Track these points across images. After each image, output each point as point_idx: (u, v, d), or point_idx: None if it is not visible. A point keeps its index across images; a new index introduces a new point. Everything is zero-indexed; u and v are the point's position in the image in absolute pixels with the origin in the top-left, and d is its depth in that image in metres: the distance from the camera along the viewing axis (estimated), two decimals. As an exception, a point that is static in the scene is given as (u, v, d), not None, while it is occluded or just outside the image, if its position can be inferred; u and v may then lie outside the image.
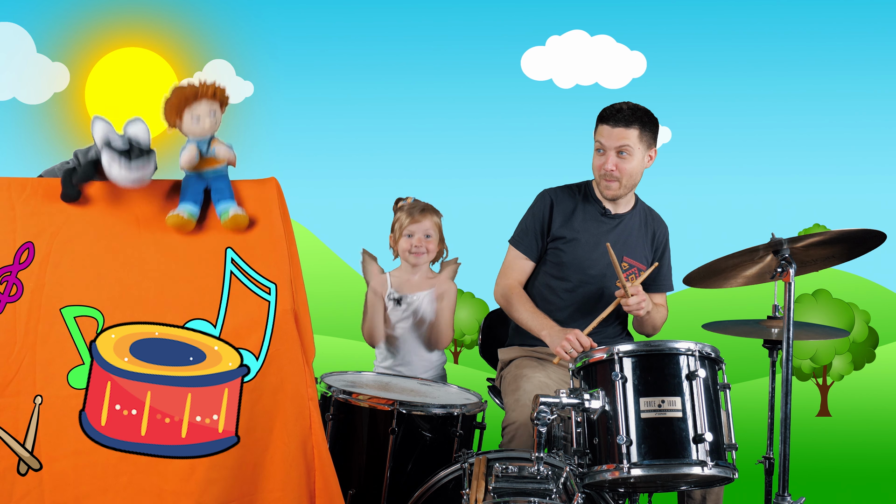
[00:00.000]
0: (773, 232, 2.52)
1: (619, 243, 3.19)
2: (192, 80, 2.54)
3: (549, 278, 3.24)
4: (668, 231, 3.37)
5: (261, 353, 2.36)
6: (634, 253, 3.24)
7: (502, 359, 3.32)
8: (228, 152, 2.54)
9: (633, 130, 3.11)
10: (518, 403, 2.91)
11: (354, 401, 2.76)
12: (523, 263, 3.28)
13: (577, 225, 3.23)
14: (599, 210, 3.25)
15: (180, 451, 2.25)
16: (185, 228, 2.49)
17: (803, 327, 3.14)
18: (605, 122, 3.14)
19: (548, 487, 2.29)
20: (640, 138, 3.13)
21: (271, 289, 2.44)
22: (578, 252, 3.20)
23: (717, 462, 2.26)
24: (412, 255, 3.31)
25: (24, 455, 2.24)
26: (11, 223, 2.46)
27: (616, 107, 3.15)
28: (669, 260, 3.36)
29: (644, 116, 3.14)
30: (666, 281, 3.35)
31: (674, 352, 2.34)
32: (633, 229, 3.26)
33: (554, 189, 3.32)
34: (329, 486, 2.33)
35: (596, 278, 3.18)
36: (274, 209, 2.59)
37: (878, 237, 2.51)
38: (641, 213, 3.31)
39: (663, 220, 3.37)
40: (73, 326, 2.36)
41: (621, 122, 3.11)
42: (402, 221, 3.34)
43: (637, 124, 3.12)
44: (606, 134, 3.13)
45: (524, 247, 3.27)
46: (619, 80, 8.66)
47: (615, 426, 2.27)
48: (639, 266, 3.23)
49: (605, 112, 3.17)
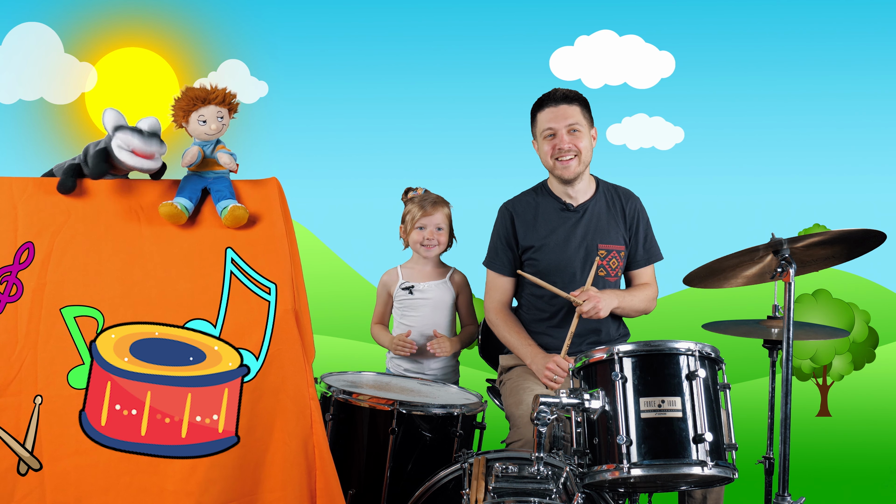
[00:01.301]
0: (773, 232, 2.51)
1: (589, 233, 3.19)
2: (205, 82, 2.57)
3: (532, 288, 3.22)
4: (640, 201, 3.32)
5: (261, 353, 2.36)
6: (608, 237, 3.21)
7: (503, 364, 3.33)
8: (230, 161, 2.57)
9: (575, 107, 3.14)
10: (522, 420, 2.92)
11: (354, 401, 2.76)
12: (503, 282, 3.28)
13: (541, 230, 3.21)
14: (560, 206, 3.23)
15: (180, 451, 2.25)
16: (177, 220, 2.50)
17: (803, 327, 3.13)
18: (547, 106, 3.17)
19: (548, 487, 2.29)
20: (583, 115, 3.15)
21: (271, 289, 2.45)
22: (551, 256, 3.19)
23: (717, 462, 2.25)
24: (424, 247, 3.35)
25: (25, 455, 2.24)
26: (13, 223, 2.46)
27: (552, 92, 3.18)
28: (649, 229, 3.31)
29: (580, 96, 3.18)
30: (651, 253, 3.31)
31: (674, 352, 2.33)
32: (600, 214, 3.24)
33: (511, 200, 3.32)
34: (330, 485, 2.33)
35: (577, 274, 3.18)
36: (275, 209, 2.59)
37: (878, 237, 2.50)
38: (605, 194, 3.28)
39: (631, 192, 3.33)
40: (73, 326, 2.36)
41: (563, 101, 3.14)
42: (413, 213, 3.36)
43: (577, 102, 3.16)
44: (552, 115, 3.15)
45: (497, 265, 3.28)
46: (648, 80, 8.67)
47: (615, 426, 2.27)
48: (617, 248, 3.21)
49: (541, 100, 3.20)
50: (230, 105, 2.60)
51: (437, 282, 3.38)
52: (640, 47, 8.77)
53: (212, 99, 2.56)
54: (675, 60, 8.67)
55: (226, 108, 2.59)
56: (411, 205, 3.39)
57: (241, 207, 2.52)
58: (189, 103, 2.57)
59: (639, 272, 3.30)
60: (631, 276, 3.32)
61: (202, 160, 2.58)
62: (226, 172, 2.61)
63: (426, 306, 3.36)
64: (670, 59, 8.69)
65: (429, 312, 3.36)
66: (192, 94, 2.56)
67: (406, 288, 3.37)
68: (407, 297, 3.37)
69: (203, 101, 2.56)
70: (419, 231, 3.35)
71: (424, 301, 3.36)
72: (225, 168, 2.59)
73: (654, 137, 8.62)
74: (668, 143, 8.63)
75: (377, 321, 3.50)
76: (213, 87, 2.58)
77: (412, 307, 3.37)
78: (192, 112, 2.57)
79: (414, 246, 3.38)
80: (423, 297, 3.36)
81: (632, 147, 8.72)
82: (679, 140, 8.61)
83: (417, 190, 3.44)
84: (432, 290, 3.37)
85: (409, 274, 3.42)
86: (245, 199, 2.58)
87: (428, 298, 3.36)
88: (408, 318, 3.38)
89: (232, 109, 2.61)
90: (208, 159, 2.59)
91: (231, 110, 2.61)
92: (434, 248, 3.36)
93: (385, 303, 3.47)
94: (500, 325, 3.24)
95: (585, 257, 3.18)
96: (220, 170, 2.60)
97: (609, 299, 3.04)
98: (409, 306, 3.37)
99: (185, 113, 2.58)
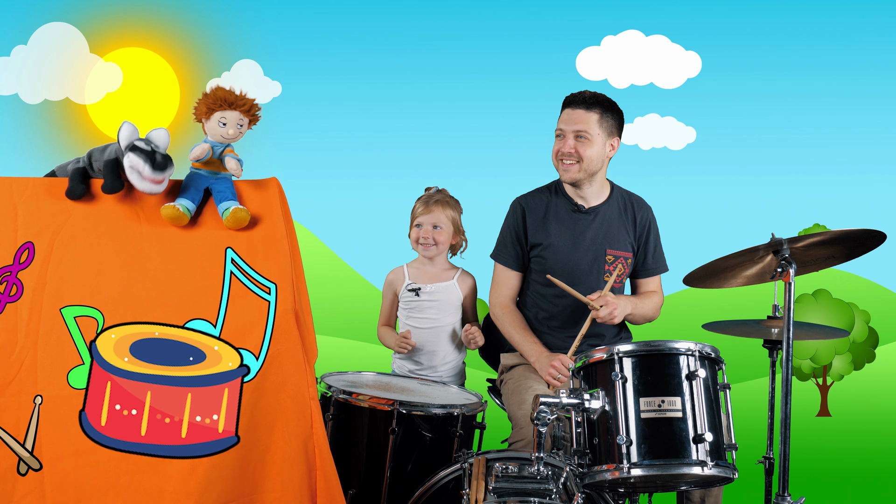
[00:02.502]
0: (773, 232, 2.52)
1: (599, 237, 3.18)
2: (234, 86, 2.58)
3: (538, 286, 3.23)
4: (652, 211, 3.32)
5: (261, 353, 2.36)
6: (617, 243, 3.21)
7: (504, 363, 3.32)
8: (237, 167, 2.58)
9: (592, 114, 3.12)
10: (524, 420, 2.92)
11: (354, 401, 2.76)
12: (509, 275, 3.27)
13: (551, 228, 3.21)
14: (571, 207, 3.23)
15: (180, 451, 2.25)
16: (179, 222, 2.50)
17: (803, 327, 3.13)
18: (568, 106, 3.17)
19: (548, 487, 2.29)
20: (599, 124, 3.13)
21: (271, 289, 2.45)
22: (559, 256, 3.18)
23: (717, 462, 2.26)
24: (420, 245, 3.32)
25: (25, 455, 2.24)
26: (13, 223, 2.46)
27: (579, 93, 3.17)
28: (658, 240, 3.32)
29: (605, 103, 3.15)
30: (658, 263, 3.32)
31: (674, 352, 2.33)
32: (611, 219, 3.23)
33: (524, 196, 3.31)
34: (330, 485, 2.33)
35: (582, 277, 3.18)
36: (275, 209, 2.59)
37: (878, 237, 2.50)
38: (618, 200, 3.28)
39: (644, 200, 3.33)
40: (73, 326, 2.36)
41: (581, 105, 3.13)
42: (414, 210, 3.35)
43: (598, 109, 3.13)
44: (566, 118, 3.15)
45: (504, 259, 3.27)
46: (674, 80, 8.66)
47: (615, 426, 2.27)
48: (624, 255, 3.21)
49: (567, 98, 3.20)
50: (252, 116, 2.61)
51: (445, 283, 3.34)
52: (666, 47, 8.76)
53: (239, 105, 2.57)
54: (701, 60, 8.66)
55: (248, 118, 2.60)
56: (417, 201, 3.37)
57: (242, 209, 2.52)
58: (215, 102, 2.57)
59: (646, 280, 3.30)
60: (638, 283, 3.33)
61: (209, 159, 2.58)
62: (229, 175, 2.62)
63: (433, 308, 3.31)
64: (697, 59, 8.68)
65: (435, 315, 3.31)
66: (221, 95, 2.57)
67: (413, 290, 3.32)
68: (413, 298, 3.32)
69: (230, 104, 2.56)
70: (416, 229, 3.33)
71: (431, 303, 3.31)
72: (228, 171, 2.60)
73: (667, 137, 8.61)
74: (679, 143, 8.63)
75: (384, 322, 3.44)
76: (242, 93, 2.58)
77: (418, 309, 3.33)
78: (216, 112, 2.57)
79: (413, 244, 3.36)
80: (431, 299, 3.32)
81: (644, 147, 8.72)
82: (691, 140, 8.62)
83: (430, 189, 3.41)
84: (440, 292, 3.32)
85: (416, 274, 3.37)
86: (245, 199, 2.58)
87: (435, 300, 3.31)
88: (413, 319, 3.33)
89: (253, 121, 2.62)
90: (214, 160, 2.59)
91: (252, 122, 2.62)
92: (431, 247, 3.31)
93: (391, 303, 3.42)
94: (505, 320, 3.23)
95: (593, 260, 3.17)
96: (224, 172, 2.61)
97: (624, 306, 3.06)
98: (416, 308, 3.33)
99: (209, 110, 2.58)
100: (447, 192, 3.40)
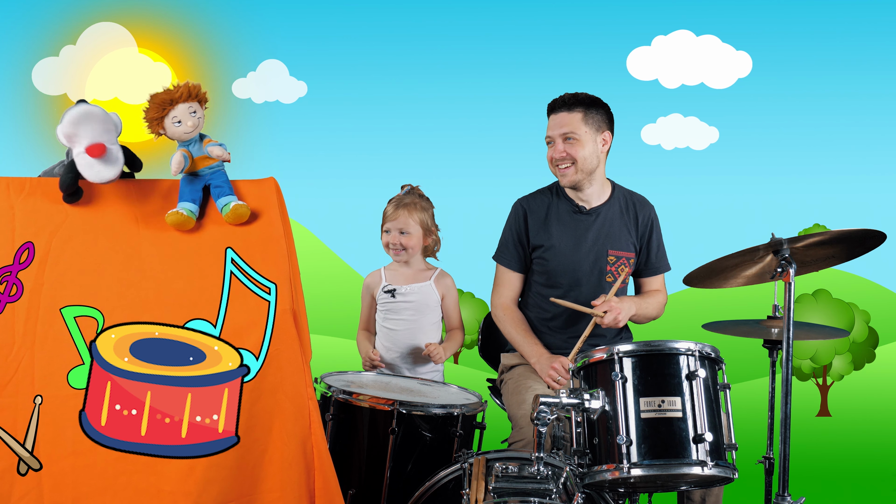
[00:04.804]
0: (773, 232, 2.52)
1: (600, 238, 3.18)
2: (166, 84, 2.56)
3: (540, 287, 3.23)
4: (654, 209, 3.31)
5: (261, 353, 2.36)
6: (619, 244, 3.21)
7: (504, 363, 3.32)
8: (222, 151, 2.55)
9: (576, 114, 3.12)
10: (525, 420, 2.92)
11: (354, 401, 2.75)
12: (511, 276, 3.27)
13: (553, 230, 3.20)
14: (573, 208, 3.22)
15: (180, 451, 2.25)
16: (185, 226, 2.50)
17: (803, 327, 3.13)
18: (550, 113, 3.17)
19: (548, 487, 2.29)
20: (585, 121, 3.12)
21: (271, 289, 2.44)
22: (561, 257, 3.18)
23: (717, 462, 2.25)
24: (391, 251, 3.29)
25: (24, 455, 2.23)
26: (11, 223, 2.46)
27: (559, 97, 3.17)
28: (660, 239, 3.31)
29: (586, 100, 3.15)
30: (661, 262, 3.31)
31: (674, 352, 2.33)
32: (613, 220, 3.23)
33: (526, 197, 3.31)
34: (329, 485, 2.33)
35: (584, 278, 3.18)
36: (273, 209, 2.59)
37: (878, 237, 2.50)
38: (620, 199, 3.27)
39: (646, 199, 3.32)
40: (72, 326, 2.36)
41: (563, 108, 3.13)
42: (384, 214, 3.30)
43: (580, 108, 3.12)
44: (551, 124, 3.16)
45: (506, 260, 3.27)
46: (725, 80, 8.66)
47: (615, 426, 2.27)
48: (626, 255, 3.21)
49: (549, 105, 3.20)
50: (199, 97, 2.56)
51: (421, 284, 3.29)
52: (717, 47, 8.74)
53: (178, 98, 2.53)
54: (752, 60, 8.64)
55: (196, 102, 2.56)
56: (388, 204, 3.30)
57: (242, 205, 2.51)
58: (158, 109, 2.53)
59: (650, 279, 3.30)
60: (641, 282, 3.32)
61: (192, 162, 2.56)
62: (220, 166, 2.59)
63: (409, 309, 3.27)
64: (747, 59, 8.66)
65: (412, 316, 3.27)
66: (158, 100, 2.53)
67: (388, 291, 3.28)
68: (389, 300, 3.28)
69: (170, 102, 2.53)
70: (385, 234, 3.28)
71: (407, 304, 3.27)
72: (218, 161, 2.58)
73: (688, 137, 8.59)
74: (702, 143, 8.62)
75: (363, 327, 3.40)
76: (174, 86, 2.55)
77: (395, 310, 3.28)
78: (164, 117, 2.54)
79: (385, 248, 3.30)
80: (406, 300, 3.27)
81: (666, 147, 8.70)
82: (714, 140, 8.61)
83: (404, 187, 3.34)
84: (415, 293, 3.27)
85: (392, 276, 3.32)
86: (243, 198, 2.58)
87: (411, 301, 3.26)
88: (391, 321, 3.29)
89: (202, 101, 2.57)
90: (197, 158, 2.57)
91: (201, 102, 2.57)
92: (401, 252, 3.26)
93: (369, 306, 3.37)
94: (507, 321, 3.23)
95: (594, 261, 3.17)
96: (213, 163, 2.58)
97: (628, 308, 3.05)
98: (392, 310, 3.28)
99: (158, 120, 2.54)
100: (418, 190, 3.33)
